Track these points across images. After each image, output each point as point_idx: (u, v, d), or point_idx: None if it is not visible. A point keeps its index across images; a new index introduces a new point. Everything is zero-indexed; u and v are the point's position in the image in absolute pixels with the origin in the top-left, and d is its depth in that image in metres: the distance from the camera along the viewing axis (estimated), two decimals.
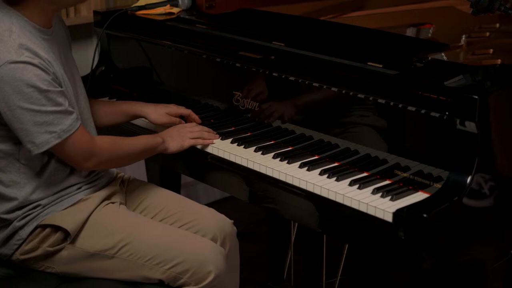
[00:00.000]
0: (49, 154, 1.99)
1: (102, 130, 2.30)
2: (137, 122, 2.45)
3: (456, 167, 1.80)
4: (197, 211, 2.24)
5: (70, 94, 1.99)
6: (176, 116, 2.35)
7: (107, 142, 2.06)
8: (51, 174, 2.02)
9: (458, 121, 1.79)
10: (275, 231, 2.87)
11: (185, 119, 2.37)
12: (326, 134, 2.12)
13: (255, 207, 2.28)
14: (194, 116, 2.36)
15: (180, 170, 2.64)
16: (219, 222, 2.22)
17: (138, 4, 2.80)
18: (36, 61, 1.86)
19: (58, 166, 2.03)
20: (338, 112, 2.10)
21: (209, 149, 2.23)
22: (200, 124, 2.33)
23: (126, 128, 2.45)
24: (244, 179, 2.14)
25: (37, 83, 1.84)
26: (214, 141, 2.24)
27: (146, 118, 2.36)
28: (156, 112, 2.33)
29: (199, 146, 2.24)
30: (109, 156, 2.06)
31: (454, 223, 1.78)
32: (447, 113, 1.81)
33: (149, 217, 2.18)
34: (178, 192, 2.84)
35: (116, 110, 2.35)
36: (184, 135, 2.23)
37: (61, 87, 1.93)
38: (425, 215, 1.69)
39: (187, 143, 2.22)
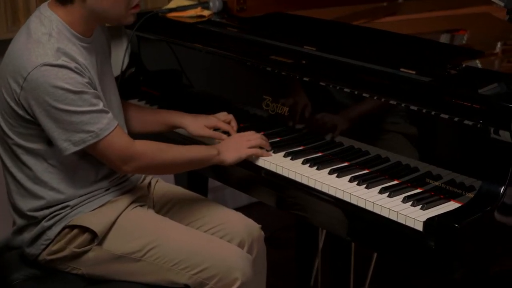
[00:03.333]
0: (79, 157, 1.99)
1: (138, 136, 2.24)
2: (178, 129, 2.39)
3: (489, 176, 1.77)
4: (225, 215, 2.23)
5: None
6: (215, 129, 2.30)
7: (149, 147, 2.02)
8: (80, 178, 2.02)
9: (492, 129, 1.76)
10: (303, 237, 2.85)
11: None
12: (356, 140, 2.10)
13: (282, 212, 2.27)
14: (234, 133, 2.28)
15: (207, 174, 2.63)
16: (247, 227, 2.21)
17: (169, 6, 2.81)
18: (72, 65, 1.87)
19: (87, 171, 2.03)
20: (369, 119, 2.08)
21: None
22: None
23: (167, 136, 2.41)
24: (272, 184, 2.12)
25: (70, 86, 1.85)
26: None
27: (184, 129, 2.32)
28: (194, 124, 2.29)
29: None
30: (151, 162, 2.02)
31: (486, 233, 1.75)
32: (481, 121, 1.78)
33: (176, 220, 2.17)
34: (206, 196, 2.83)
35: (154, 119, 2.33)
36: (241, 145, 2.15)
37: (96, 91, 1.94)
38: (456, 225, 1.67)
39: (244, 153, 2.14)
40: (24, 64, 1.86)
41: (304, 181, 2.02)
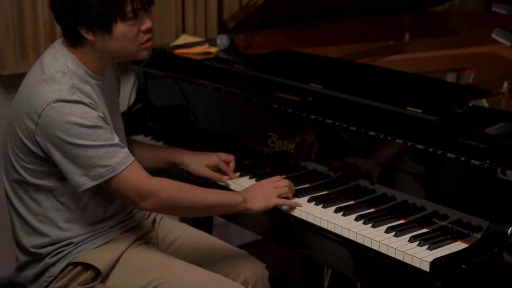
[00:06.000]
0: (90, 195, 1.98)
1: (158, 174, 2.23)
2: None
3: (497, 217, 1.75)
4: (229, 253, 2.22)
5: None
6: (215, 167, 2.29)
7: (167, 185, 1.98)
8: (88, 216, 2.01)
9: (499, 169, 1.75)
10: (308, 276, 2.82)
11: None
12: (362, 178, 2.09)
13: (287, 250, 2.25)
14: (232, 175, 2.28)
15: None
16: (251, 265, 2.19)
17: (176, 43, 2.82)
18: (86, 100, 1.87)
19: (96, 209, 2.02)
20: (375, 157, 2.07)
21: None
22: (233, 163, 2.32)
23: (173, 172, 2.39)
24: (277, 221, 2.11)
25: (84, 121, 1.85)
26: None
27: (186, 167, 2.31)
28: (195, 162, 2.29)
29: None
30: (169, 201, 1.97)
31: (494, 274, 1.73)
32: (487, 161, 1.77)
33: (180, 257, 2.15)
34: (210, 232, 2.81)
35: (155, 155, 2.32)
36: (269, 193, 2.10)
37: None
38: (463, 266, 1.65)
39: (272, 203, 2.07)
40: (38, 101, 1.86)
41: (310, 219, 2.01)
